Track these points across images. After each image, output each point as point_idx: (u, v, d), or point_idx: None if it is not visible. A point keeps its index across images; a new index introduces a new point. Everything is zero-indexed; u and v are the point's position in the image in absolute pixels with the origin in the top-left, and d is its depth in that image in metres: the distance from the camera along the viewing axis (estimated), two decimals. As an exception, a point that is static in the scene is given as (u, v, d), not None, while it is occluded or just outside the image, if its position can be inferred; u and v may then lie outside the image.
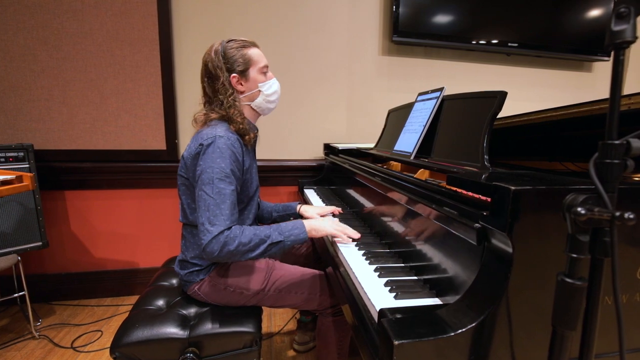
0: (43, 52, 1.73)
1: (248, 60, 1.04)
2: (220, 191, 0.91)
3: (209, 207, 0.90)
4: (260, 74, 1.07)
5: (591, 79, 2.51)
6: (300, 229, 0.98)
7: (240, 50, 1.03)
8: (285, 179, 2.06)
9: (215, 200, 0.90)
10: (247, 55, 1.04)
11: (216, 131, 0.97)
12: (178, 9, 1.84)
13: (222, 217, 0.90)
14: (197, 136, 1.00)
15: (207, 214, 0.89)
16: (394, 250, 0.94)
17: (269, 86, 1.09)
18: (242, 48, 1.04)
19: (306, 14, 1.98)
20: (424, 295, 0.70)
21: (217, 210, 0.89)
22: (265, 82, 1.08)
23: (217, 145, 0.94)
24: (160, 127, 1.88)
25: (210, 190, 0.90)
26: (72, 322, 1.71)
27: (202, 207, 0.91)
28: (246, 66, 1.04)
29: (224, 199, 0.91)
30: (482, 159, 0.85)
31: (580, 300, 0.41)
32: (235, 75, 1.03)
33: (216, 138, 0.95)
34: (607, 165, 0.40)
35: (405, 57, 2.15)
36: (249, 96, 1.08)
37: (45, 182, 1.75)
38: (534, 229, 0.50)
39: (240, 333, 0.98)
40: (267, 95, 1.09)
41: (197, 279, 1.03)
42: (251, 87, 1.07)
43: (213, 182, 0.91)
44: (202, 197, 0.91)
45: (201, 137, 0.97)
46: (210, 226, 0.88)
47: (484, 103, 0.93)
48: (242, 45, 1.04)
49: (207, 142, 0.95)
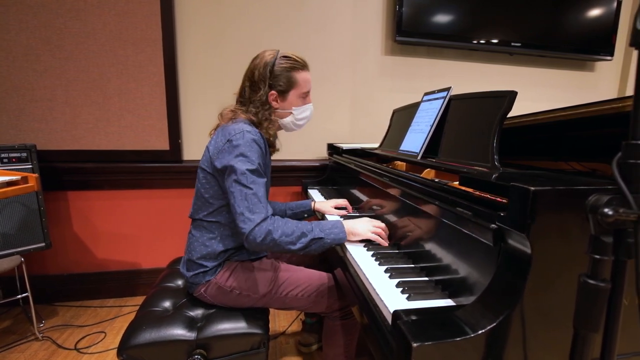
0: (46, 52, 1.72)
1: (292, 83, 1.06)
2: (255, 181, 0.93)
3: (246, 196, 0.90)
4: (299, 98, 1.09)
5: (594, 78, 2.51)
6: (340, 229, 0.97)
7: (289, 72, 1.04)
8: (288, 179, 2.05)
9: (252, 190, 0.91)
10: (292, 78, 1.05)
11: (244, 127, 0.98)
12: (181, 8, 1.83)
13: (261, 205, 0.91)
14: (224, 131, 1.00)
15: (245, 203, 0.90)
16: (403, 251, 0.93)
17: (302, 111, 1.11)
18: (291, 69, 1.05)
19: (309, 13, 1.97)
20: (436, 296, 0.69)
21: (255, 199, 0.90)
22: (301, 107, 1.10)
23: (246, 139, 0.95)
24: (164, 127, 1.88)
25: (246, 180, 0.91)
26: (75, 323, 1.71)
27: (238, 197, 0.91)
28: (288, 88, 1.06)
29: (260, 188, 0.93)
30: (492, 159, 0.85)
31: (603, 302, 0.41)
32: (274, 93, 1.05)
33: (244, 133, 0.96)
34: (631, 165, 0.40)
35: (409, 57, 2.15)
36: (280, 114, 1.09)
37: (48, 183, 1.74)
38: (553, 229, 0.50)
39: (248, 334, 0.97)
40: (297, 119, 1.11)
41: (203, 280, 1.03)
42: (285, 107, 1.08)
43: (246, 173, 0.92)
44: (237, 188, 0.91)
45: (228, 133, 0.97)
46: (250, 214, 0.89)
47: (493, 103, 0.92)
48: (292, 65, 1.04)
49: (236, 137, 0.95)
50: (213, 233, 1.03)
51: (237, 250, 1.06)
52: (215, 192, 1.01)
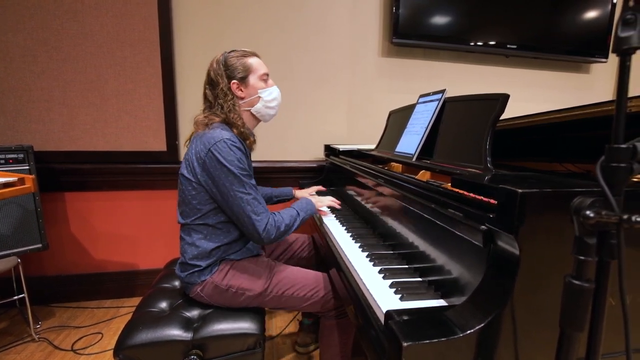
0: (43, 53, 1.72)
1: (248, 68, 1.08)
2: (251, 185, 1.01)
3: (248, 201, 0.99)
4: (260, 81, 1.11)
5: (589, 80, 2.53)
6: (311, 205, 1.19)
7: (241, 59, 1.08)
8: (286, 180, 2.06)
9: (251, 194, 1.00)
10: (247, 63, 1.08)
11: (222, 135, 0.99)
12: (178, 10, 1.84)
13: (262, 206, 1.02)
14: (202, 139, 1.00)
15: (248, 207, 0.98)
16: (398, 251, 0.94)
17: (268, 93, 1.12)
18: (243, 57, 1.09)
19: (307, 15, 1.98)
20: (429, 296, 0.70)
21: (255, 202, 1.00)
22: (265, 89, 1.12)
23: (229, 147, 0.98)
24: (161, 128, 1.88)
25: (243, 187, 0.98)
26: (72, 324, 1.71)
27: (240, 204, 0.98)
28: (246, 73, 1.08)
29: (256, 191, 1.02)
30: (484, 161, 0.86)
31: (587, 301, 0.42)
32: (235, 82, 1.07)
33: (224, 141, 0.97)
34: (613, 168, 0.41)
35: (405, 58, 2.16)
36: (249, 102, 1.11)
37: (45, 184, 1.74)
38: (541, 231, 0.51)
39: (244, 335, 0.98)
40: (266, 101, 1.12)
41: (198, 280, 1.03)
42: (251, 93, 1.10)
43: (241, 179, 0.98)
44: (236, 196, 0.98)
45: (207, 141, 0.98)
46: (257, 216, 0.99)
47: (486, 105, 0.94)
48: (242, 54, 1.09)
49: (217, 146, 0.97)
50: (202, 233, 1.04)
51: (229, 247, 1.07)
52: (202, 198, 1.02)
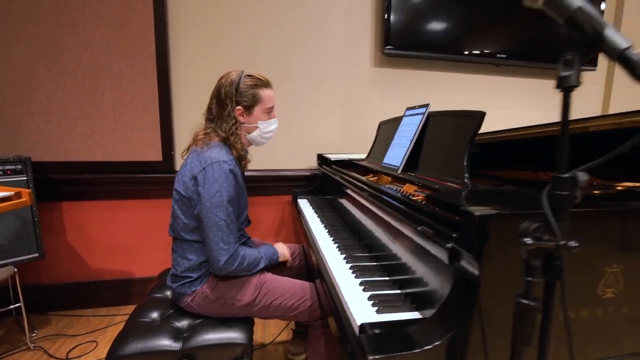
0: (42, 66, 1.77)
1: (257, 99, 1.14)
2: (230, 214, 1.02)
3: (221, 228, 1.00)
4: (264, 113, 1.17)
5: (579, 88, 2.56)
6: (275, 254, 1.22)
7: (253, 89, 1.13)
8: (279, 188, 2.09)
9: (226, 221, 1.01)
10: (257, 94, 1.13)
11: (220, 156, 1.03)
12: (174, 22, 1.89)
13: (233, 236, 1.03)
14: (200, 157, 1.04)
15: (220, 234, 0.99)
16: (380, 263, 0.97)
17: (267, 125, 1.18)
18: (255, 87, 1.13)
19: (302, 24, 2.02)
20: (404, 309, 0.73)
21: (228, 230, 1.01)
22: (266, 121, 1.18)
23: (223, 170, 1.01)
24: (157, 138, 1.92)
25: (222, 212, 1.00)
26: (67, 332, 1.73)
27: (213, 228, 0.99)
28: (253, 103, 1.13)
29: (233, 220, 1.04)
30: (462, 176, 0.89)
31: (534, 319, 0.45)
32: (240, 108, 1.12)
33: (221, 163, 1.01)
34: (557, 196, 0.44)
35: (398, 68, 2.20)
36: (247, 128, 1.16)
37: (43, 194, 1.78)
38: (500, 251, 0.54)
39: (232, 344, 1.01)
40: (263, 132, 1.19)
41: (188, 291, 1.06)
42: (251, 122, 1.16)
43: (223, 204, 1.00)
44: (212, 219, 0.99)
45: (204, 160, 1.02)
46: (224, 245, 1.00)
47: (465, 122, 0.97)
48: (256, 83, 1.13)
49: (212, 167, 1.00)
50: (192, 246, 1.08)
51: None
52: (191, 214, 1.06)
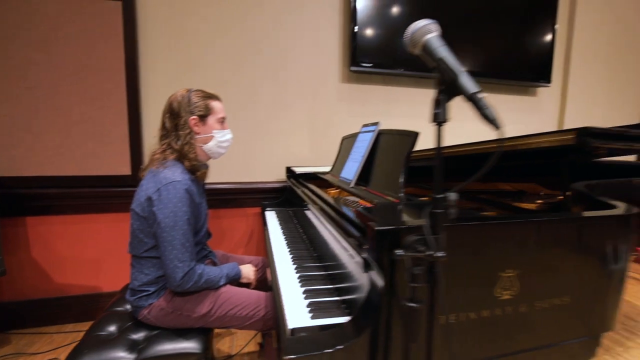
0: (7, 82, 1.77)
1: (209, 109, 1.19)
2: (185, 232, 1.05)
3: (175, 246, 1.03)
4: (217, 123, 1.21)
5: (536, 102, 2.78)
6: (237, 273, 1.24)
7: (204, 100, 1.18)
8: (249, 200, 2.14)
9: (181, 240, 1.04)
10: (209, 104, 1.19)
11: (174, 175, 1.07)
12: (145, 41, 1.94)
13: (188, 254, 1.05)
14: (155, 178, 1.08)
15: (174, 252, 1.03)
16: (326, 272, 1.04)
17: (222, 134, 1.23)
18: (206, 98, 1.19)
19: (272, 44, 2.11)
20: (336, 314, 0.79)
21: (183, 249, 1.04)
22: (221, 131, 1.22)
23: (177, 190, 1.05)
24: (126, 152, 1.94)
25: (176, 232, 1.04)
26: (27, 351, 1.70)
27: (168, 247, 1.03)
28: (206, 113, 1.18)
29: (188, 238, 1.06)
30: (399, 190, 0.98)
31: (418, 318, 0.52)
32: (194, 118, 1.17)
33: (175, 184, 1.05)
34: (435, 214, 0.52)
35: (365, 84, 2.31)
36: (203, 139, 1.20)
37: (7, 210, 1.77)
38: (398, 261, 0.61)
39: (186, 354, 1.04)
40: (219, 142, 1.23)
41: (145, 304, 1.09)
42: (206, 131, 1.20)
43: (177, 224, 1.04)
44: (166, 239, 1.03)
45: (159, 181, 1.06)
46: (179, 263, 1.03)
47: (403, 141, 1.06)
48: (206, 96, 1.20)
49: (167, 187, 1.04)
50: (151, 262, 1.11)
51: None
52: (148, 233, 1.10)
